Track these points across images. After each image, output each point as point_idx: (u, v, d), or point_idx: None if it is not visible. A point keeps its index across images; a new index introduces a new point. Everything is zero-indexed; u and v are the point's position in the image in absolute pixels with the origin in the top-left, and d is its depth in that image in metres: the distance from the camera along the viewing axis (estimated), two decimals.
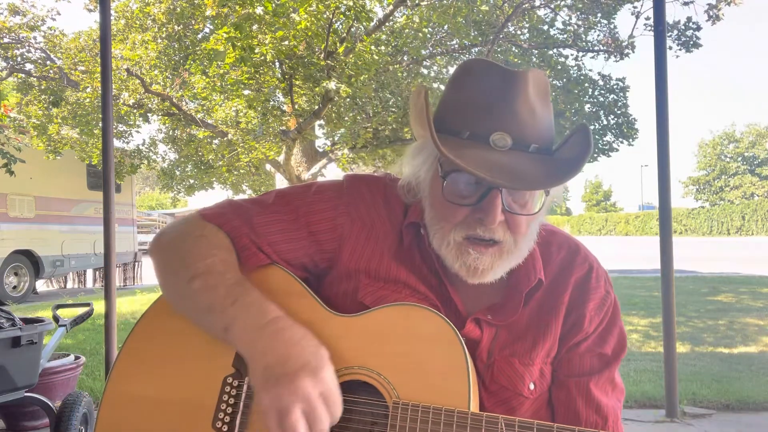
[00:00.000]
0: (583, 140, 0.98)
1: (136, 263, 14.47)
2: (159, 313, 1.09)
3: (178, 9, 10.14)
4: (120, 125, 11.96)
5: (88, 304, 3.73)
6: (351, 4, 8.55)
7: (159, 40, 10.21)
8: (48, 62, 11.82)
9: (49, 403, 3.20)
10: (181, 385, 1.02)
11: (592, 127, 13.16)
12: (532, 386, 1.08)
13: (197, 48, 10.17)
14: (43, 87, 11.98)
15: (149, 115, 11.80)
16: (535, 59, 12.33)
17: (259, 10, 8.29)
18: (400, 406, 0.91)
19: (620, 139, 13.29)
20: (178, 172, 15.06)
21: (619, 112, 12.87)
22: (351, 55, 9.48)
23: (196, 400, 1.00)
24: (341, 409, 0.90)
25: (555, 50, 12.46)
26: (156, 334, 1.07)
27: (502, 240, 1.00)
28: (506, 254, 1.01)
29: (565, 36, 12.23)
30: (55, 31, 11.56)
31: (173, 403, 1.01)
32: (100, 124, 5.66)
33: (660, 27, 3.77)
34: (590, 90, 12.81)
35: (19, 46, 11.56)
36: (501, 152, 0.94)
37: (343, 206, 1.11)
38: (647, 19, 11.17)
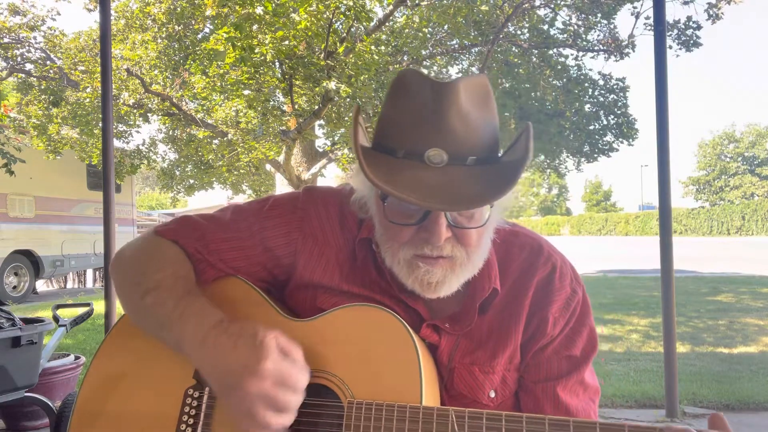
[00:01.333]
0: (523, 144, 0.95)
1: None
2: (123, 330, 1.11)
3: (178, 9, 10.14)
4: (120, 125, 11.96)
5: (88, 304, 3.73)
6: (351, 4, 8.56)
7: (159, 40, 10.21)
8: (48, 62, 11.82)
9: (49, 403, 3.19)
10: (145, 400, 1.04)
11: (591, 127, 13.22)
12: (492, 394, 1.07)
13: (197, 48, 10.17)
14: (43, 87, 11.98)
15: (149, 115, 11.80)
16: (535, 59, 12.33)
17: (259, 10, 8.30)
18: (354, 405, 0.92)
19: (620, 139, 13.30)
20: (178, 172, 15.06)
21: (619, 112, 12.88)
22: (351, 55, 9.48)
23: (160, 413, 1.01)
24: (303, 377, 0.91)
25: (555, 50, 12.47)
26: (121, 351, 1.09)
27: (451, 255, 0.98)
28: (459, 267, 0.99)
29: (565, 36, 12.24)
30: (55, 31, 11.57)
31: (138, 417, 1.03)
32: (100, 124, 5.66)
33: (660, 26, 3.77)
34: (590, 90, 12.81)
35: (19, 46, 11.56)
36: (437, 169, 0.92)
37: (296, 221, 1.12)
38: (647, 18, 11.19)
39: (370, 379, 0.94)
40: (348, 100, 10.22)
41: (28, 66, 12.06)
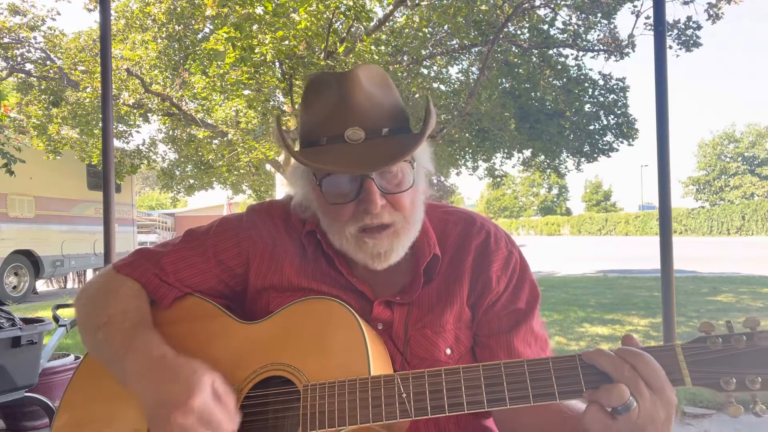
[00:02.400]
0: (427, 109, 1.06)
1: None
2: (90, 364, 1.16)
3: (178, 9, 10.14)
4: (120, 125, 11.97)
5: None
6: (351, 4, 8.56)
7: (159, 40, 10.21)
8: (48, 62, 11.83)
9: (49, 403, 3.20)
10: (114, 428, 1.07)
11: (591, 127, 13.22)
12: (448, 351, 1.15)
13: (197, 48, 10.18)
14: (43, 87, 11.99)
15: (149, 115, 11.81)
16: (535, 59, 12.33)
17: (259, 10, 8.30)
18: (309, 387, 0.98)
19: (620, 139, 13.30)
20: (178, 172, 15.07)
21: (619, 112, 12.88)
22: (351, 55, 9.48)
23: None
24: (227, 425, 0.94)
25: (555, 50, 12.47)
26: (87, 385, 1.14)
27: (391, 221, 1.08)
28: (401, 232, 1.09)
29: (565, 36, 12.24)
30: (55, 31, 11.58)
31: None
32: (100, 124, 5.66)
33: (660, 26, 3.76)
34: (590, 90, 12.82)
35: (19, 46, 11.57)
36: (357, 144, 1.03)
37: (244, 232, 1.22)
38: (647, 18, 11.19)
39: (322, 363, 1.00)
40: None
41: (28, 66, 12.06)
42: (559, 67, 12.55)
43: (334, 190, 1.07)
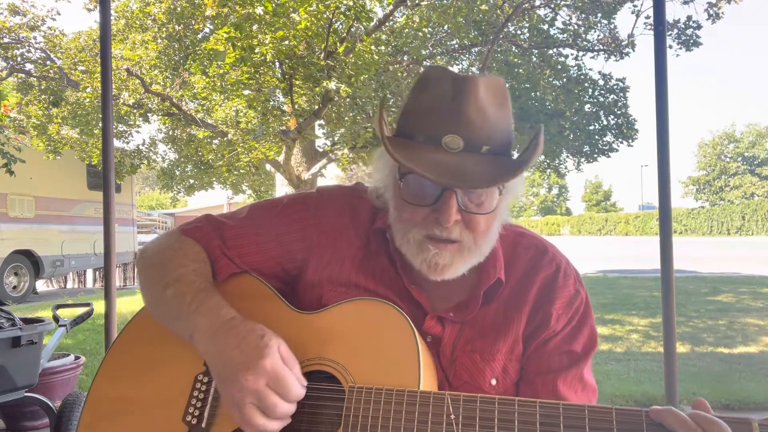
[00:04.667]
0: (534, 140, 1.01)
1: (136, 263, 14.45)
2: (141, 322, 1.19)
3: (178, 9, 10.14)
4: (120, 125, 11.95)
5: (88, 304, 3.73)
6: (351, 4, 8.56)
7: (159, 40, 10.20)
8: (48, 62, 11.82)
9: (49, 403, 3.20)
10: (157, 385, 1.10)
11: (591, 128, 13.23)
12: (493, 382, 1.11)
13: (197, 48, 10.17)
14: (43, 87, 11.98)
15: (149, 115, 11.79)
16: (535, 59, 12.33)
17: (259, 10, 8.30)
18: (355, 389, 0.96)
19: (620, 139, 13.29)
20: (178, 172, 15.05)
21: (619, 112, 12.87)
22: (351, 55, 9.47)
23: (170, 397, 1.07)
24: (297, 388, 0.95)
25: (555, 50, 12.46)
26: (137, 341, 1.17)
27: (459, 239, 1.03)
28: (466, 252, 1.05)
29: (565, 36, 12.23)
30: (55, 31, 11.57)
31: (150, 400, 1.08)
32: (100, 124, 5.66)
33: (660, 26, 3.76)
34: (590, 90, 12.81)
35: (19, 46, 11.56)
36: (452, 154, 0.99)
37: (311, 218, 1.18)
38: (647, 18, 11.19)
39: (370, 366, 0.99)
40: (348, 100, 10.21)
41: (28, 66, 12.05)
42: (559, 67, 12.54)
43: (413, 189, 1.03)
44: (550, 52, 12.35)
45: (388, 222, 1.12)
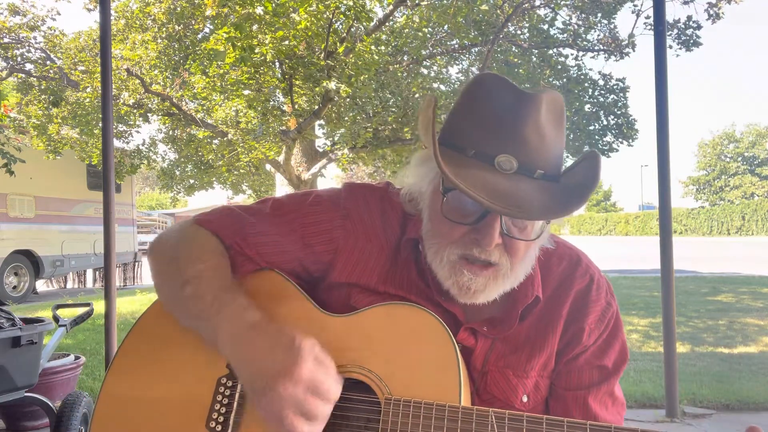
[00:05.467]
0: (591, 169, 0.96)
1: (136, 263, 14.46)
2: (156, 315, 1.11)
3: (178, 9, 10.14)
4: (120, 125, 11.95)
5: (88, 304, 3.72)
6: (351, 4, 8.56)
7: (159, 40, 10.21)
8: (48, 62, 11.82)
9: (49, 403, 3.19)
10: (176, 385, 1.03)
11: (591, 128, 13.22)
12: (525, 399, 1.08)
13: (197, 48, 10.17)
14: (43, 87, 11.98)
15: (149, 115, 11.80)
16: (535, 59, 12.33)
17: (259, 10, 8.30)
18: (392, 401, 0.91)
19: (620, 140, 13.29)
20: (178, 172, 15.06)
21: (619, 112, 12.87)
22: (351, 55, 9.48)
23: (191, 400, 1.00)
24: (336, 389, 0.90)
25: (555, 50, 12.46)
26: (153, 336, 1.09)
27: (497, 263, 0.98)
28: (501, 278, 1.00)
29: (565, 35, 12.23)
30: (55, 31, 11.57)
31: (168, 402, 1.02)
32: (100, 124, 5.66)
33: (660, 26, 3.76)
34: (590, 90, 12.81)
35: (19, 46, 11.56)
36: (504, 175, 0.93)
37: (339, 219, 1.11)
38: (647, 18, 11.18)
39: (407, 377, 0.93)
40: (348, 100, 10.21)
41: (28, 66, 12.06)
42: (559, 67, 12.54)
43: (455, 205, 0.97)
44: (550, 52, 12.35)
45: (420, 233, 1.06)
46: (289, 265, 1.11)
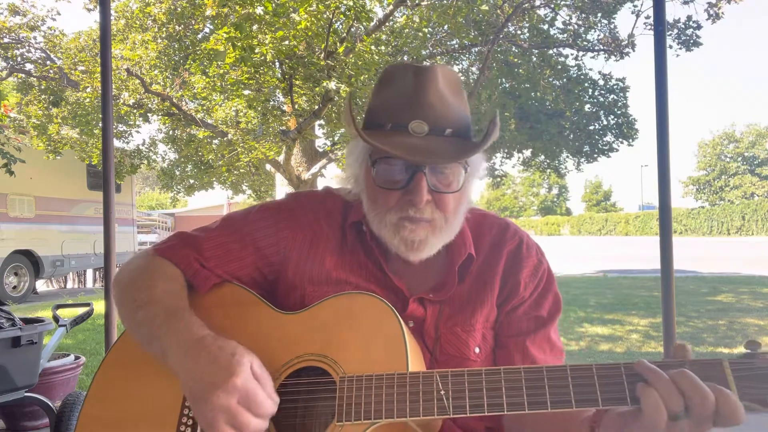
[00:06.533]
0: (492, 124, 1.10)
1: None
2: (126, 342, 1.18)
3: (178, 9, 10.14)
4: (120, 125, 11.96)
5: (88, 304, 3.73)
6: (351, 4, 8.56)
7: (159, 40, 10.20)
8: (48, 62, 11.82)
9: (49, 403, 3.19)
10: (146, 406, 1.09)
11: (591, 128, 13.23)
12: (477, 350, 1.18)
13: (197, 48, 10.17)
14: (43, 87, 11.98)
15: (149, 115, 11.79)
16: (535, 59, 12.33)
17: (259, 10, 8.30)
18: (346, 379, 0.99)
19: (620, 139, 13.30)
20: (178, 172, 15.07)
21: (619, 112, 12.89)
22: (351, 55, 9.47)
23: (159, 418, 1.07)
24: (269, 405, 0.95)
25: (555, 50, 12.47)
26: (124, 362, 1.16)
27: (432, 218, 1.11)
28: (438, 230, 1.12)
29: (565, 35, 12.24)
30: (55, 31, 11.56)
31: (139, 422, 1.08)
32: (100, 124, 5.66)
33: (660, 26, 3.76)
34: (590, 90, 12.82)
35: (19, 46, 11.55)
36: (419, 137, 1.07)
37: (284, 221, 1.23)
38: (647, 18, 11.19)
39: (359, 356, 1.02)
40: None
41: (28, 66, 12.05)
42: (559, 67, 12.55)
43: (385, 174, 1.10)
44: (550, 52, 12.36)
45: (362, 213, 1.18)
46: (247, 270, 1.21)
